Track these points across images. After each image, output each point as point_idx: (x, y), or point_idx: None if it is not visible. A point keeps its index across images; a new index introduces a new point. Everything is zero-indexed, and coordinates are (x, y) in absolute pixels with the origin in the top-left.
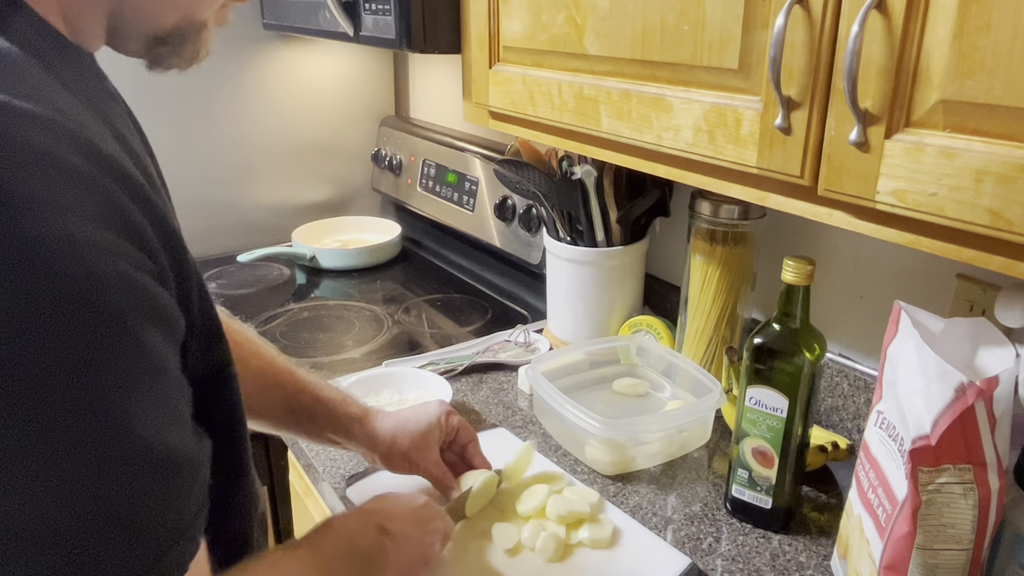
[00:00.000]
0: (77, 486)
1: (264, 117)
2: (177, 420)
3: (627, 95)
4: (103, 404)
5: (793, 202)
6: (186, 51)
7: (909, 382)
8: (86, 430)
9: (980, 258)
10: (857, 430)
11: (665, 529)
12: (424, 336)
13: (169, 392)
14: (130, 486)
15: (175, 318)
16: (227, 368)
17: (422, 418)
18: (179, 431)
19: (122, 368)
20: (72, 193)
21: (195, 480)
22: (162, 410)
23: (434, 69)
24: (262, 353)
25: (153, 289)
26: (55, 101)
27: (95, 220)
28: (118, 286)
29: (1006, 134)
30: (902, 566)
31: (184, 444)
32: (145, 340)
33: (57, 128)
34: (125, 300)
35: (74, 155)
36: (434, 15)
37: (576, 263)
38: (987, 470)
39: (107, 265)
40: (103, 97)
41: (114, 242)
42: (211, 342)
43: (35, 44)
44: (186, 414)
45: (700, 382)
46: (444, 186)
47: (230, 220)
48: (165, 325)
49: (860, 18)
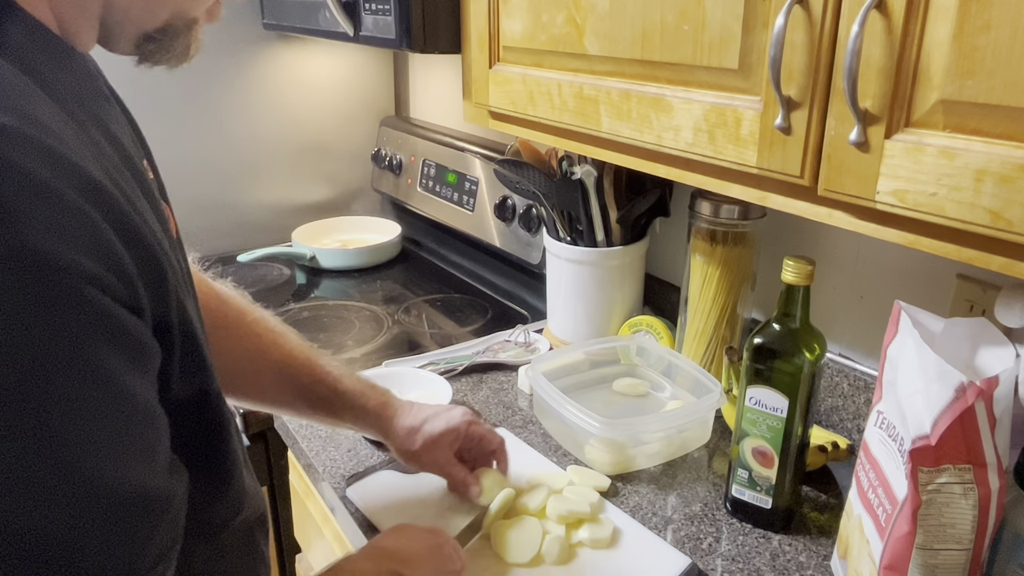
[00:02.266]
0: (14, 518)
1: (264, 117)
2: (142, 454)
3: (627, 95)
4: (50, 431)
5: (793, 202)
6: (177, 48)
7: (909, 382)
8: (28, 456)
9: (980, 258)
10: (857, 430)
11: (665, 529)
12: (424, 336)
13: (132, 424)
14: (79, 518)
15: (147, 351)
16: (210, 387)
17: (440, 423)
18: (143, 466)
19: (75, 395)
20: (40, 209)
21: (160, 518)
22: (121, 443)
23: (434, 69)
24: (280, 343)
25: (119, 315)
26: (33, 113)
27: (61, 239)
28: (78, 309)
29: (1006, 134)
30: (902, 566)
31: (148, 480)
32: (104, 368)
33: (31, 143)
34: (84, 324)
35: (44, 170)
36: (434, 15)
37: (576, 263)
38: (987, 470)
39: (68, 286)
40: (95, 98)
41: (81, 264)
42: (193, 362)
43: (20, 47)
44: (155, 446)
45: (700, 382)
46: (444, 186)
47: (230, 220)
48: (133, 353)
49: (860, 18)
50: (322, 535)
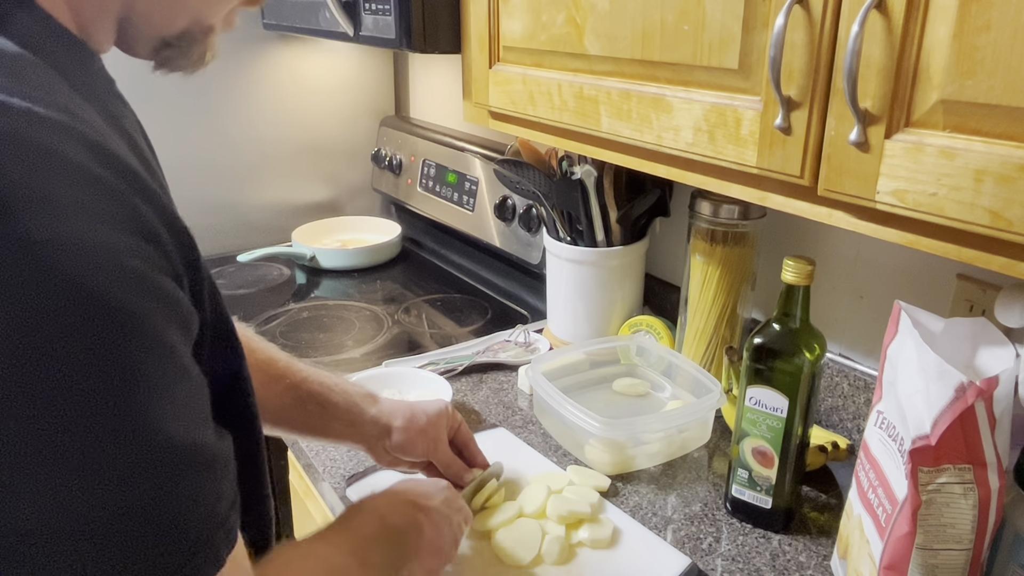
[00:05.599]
0: (108, 487)
1: (264, 117)
2: (202, 418)
3: (627, 95)
4: (128, 405)
5: (793, 202)
6: (193, 54)
7: (909, 382)
8: (113, 432)
9: (980, 258)
10: (857, 430)
11: (665, 529)
12: (424, 336)
13: (192, 391)
14: (161, 485)
15: (191, 319)
16: (240, 371)
17: (429, 408)
18: (204, 429)
19: (146, 369)
20: (81, 194)
21: (225, 475)
22: (187, 409)
23: (434, 69)
24: (262, 347)
25: (170, 289)
26: (63, 102)
27: (106, 221)
28: (135, 287)
29: (1006, 134)
30: (902, 566)
31: (211, 441)
32: (166, 340)
33: (64, 129)
34: (143, 300)
35: (82, 156)
36: (434, 15)
37: (576, 263)
38: (987, 470)
39: (122, 265)
40: (112, 99)
41: (127, 242)
42: (224, 344)
43: (42, 43)
44: (206, 409)
45: (700, 382)
46: (444, 186)
47: (230, 220)
48: (183, 326)
49: (860, 18)
50: None
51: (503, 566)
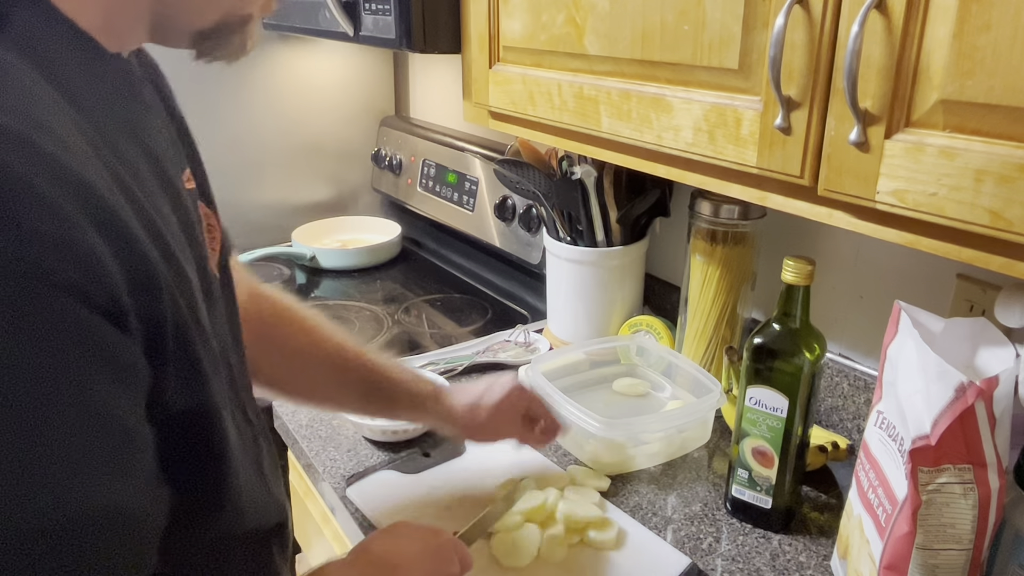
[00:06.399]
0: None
1: (264, 117)
2: (113, 471)
3: (627, 95)
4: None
5: (793, 202)
6: (233, 44)
7: (909, 382)
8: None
9: (980, 258)
10: (857, 430)
11: (665, 529)
12: (424, 336)
13: (103, 440)
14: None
15: (131, 362)
16: (214, 409)
17: (497, 391)
18: (116, 483)
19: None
20: (24, 213)
21: (133, 537)
22: (89, 460)
23: (434, 69)
24: (332, 337)
25: (95, 326)
26: (31, 111)
27: (42, 245)
28: (49, 318)
29: (1006, 134)
30: (902, 566)
31: (122, 499)
32: (75, 382)
33: (17, 140)
34: (55, 335)
35: (29, 169)
36: (434, 15)
37: (576, 263)
38: (987, 470)
39: (43, 295)
40: (128, 105)
41: (63, 273)
42: (194, 380)
43: (41, 43)
44: (130, 464)
45: (700, 382)
46: (444, 186)
47: (230, 220)
48: (110, 365)
49: (860, 18)
50: (322, 535)
51: (503, 567)
